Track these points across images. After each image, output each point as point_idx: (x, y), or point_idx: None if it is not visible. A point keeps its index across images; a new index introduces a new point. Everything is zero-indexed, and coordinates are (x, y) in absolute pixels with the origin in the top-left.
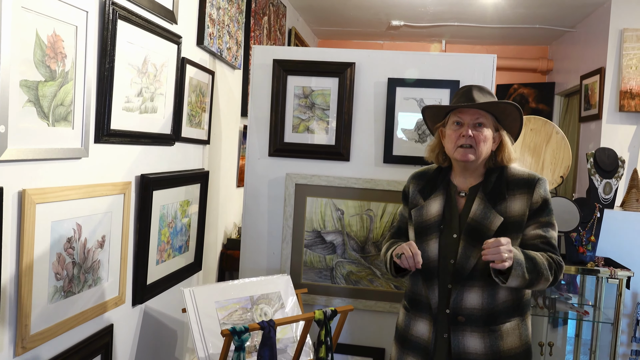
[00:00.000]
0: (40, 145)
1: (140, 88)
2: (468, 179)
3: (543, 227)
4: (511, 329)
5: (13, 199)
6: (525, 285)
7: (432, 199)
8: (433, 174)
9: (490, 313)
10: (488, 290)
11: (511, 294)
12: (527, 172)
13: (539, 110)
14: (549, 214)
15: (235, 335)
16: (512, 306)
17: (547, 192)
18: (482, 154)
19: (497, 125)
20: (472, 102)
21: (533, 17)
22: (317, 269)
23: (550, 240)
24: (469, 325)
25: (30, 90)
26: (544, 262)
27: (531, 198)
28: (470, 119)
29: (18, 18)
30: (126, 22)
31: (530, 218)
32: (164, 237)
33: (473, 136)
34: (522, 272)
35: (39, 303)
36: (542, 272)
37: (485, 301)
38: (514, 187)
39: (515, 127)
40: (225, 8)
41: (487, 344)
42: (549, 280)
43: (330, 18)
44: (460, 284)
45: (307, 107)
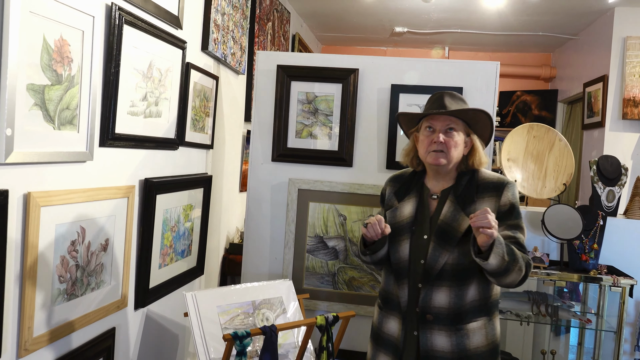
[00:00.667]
0: (46, 149)
1: (145, 92)
2: (440, 182)
3: (512, 230)
4: (477, 328)
5: (18, 201)
6: (503, 268)
7: (405, 201)
8: (408, 177)
9: (457, 312)
10: (455, 290)
11: (479, 294)
12: (497, 176)
13: (541, 117)
14: (517, 217)
15: (237, 340)
16: (480, 306)
17: (515, 196)
18: (454, 158)
19: (469, 130)
20: (444, 109)
21: (536, 25)
22: (319, 275)
23: (519, 241)
24: (436, 323)
25: (36, 94)
26: (518, 253)
27: (499, 201)
28: (441, 125)
29: (26, 22)
30: (132, 27)
31: (498, 220)
32: (166, 241)
33: (444, 141)
34: (502, 251)
35: (42, 305)
36: (517, 259)
37: (452, 301)
38: (483, 190)
39: (486, 132)
40: (229, 14)
41: (453, 342)
42: (522, 271)
43: (333, 24)
44: (429, 284)
45: (311, 113)
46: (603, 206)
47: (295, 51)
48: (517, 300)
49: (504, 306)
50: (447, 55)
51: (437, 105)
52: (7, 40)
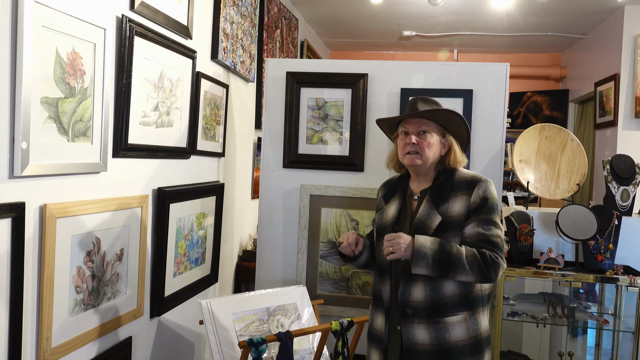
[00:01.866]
0: (61, 161)
1: (156, 102)
2: (421, 183)
3: (482, 225)
4: (457, 322)
5: (35, 213)
6: (436, 275)
7: (391, 203)
8: (395, 181)
9: (434, 306)
10: (430, 283)
11: (458, 289)
12: (472, 174)
13: (553, 117)
14: (489, 212)
15: (252, 346)
16: (460, 300)
17: (489, 192)
18: (429, 159)
19: (444, 131)
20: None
21: (545, 25)
22: (333, 280)
23: (489, 237)
24: (416, 317)
25: (50, 106)
26: (462, 257)
27: (470, 198)
28: (414, 127)
29: (39, 37)
30: (142, 38)
31: (469, 217)
32: (180, 250)
33: (417, 142)
34: (425, 263)
35: (59, 316)
36: (455, 265)
37: (428, 294)
38: (457, 188)
39: (462, 132)
40: (238, 22)
41: (432, 336)
42: (469, 274)
43: (342, 30)
44: (407, 279)
45: (321, 119)
46: (618, 206)
47: (304, 58)
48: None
49: (519, 308)
50: (456, 57)
51: (410, 110)
52: (21, 55)
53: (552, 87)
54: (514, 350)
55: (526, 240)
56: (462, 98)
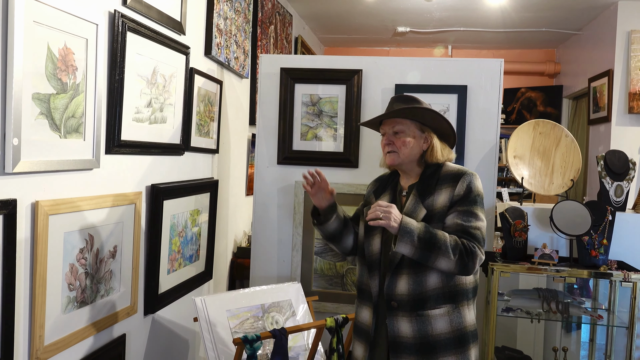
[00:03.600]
0: (53, 157)
1: (149, 99)
2: (410, 179)
3: (462, 216)
4: (439, 315)
5: (26, 210)
6: (419, 255)
7: (381, 199)
8: (386, 177)
9: (417, 299)
10: (413, 277)
11: (441, 282)
12: (457, 168)
13: (547, 113)
14: (471, 204)
15: (247, 343)
16: (442, 293)
17: (473, 184)
18: (407, 156)
19: (422, 127)
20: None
21: (539, 21)
22: (328, 276)
23: (468, 229)
24: (400, 310)
25: (42, 103)
26: (446, 240)
27: (454, 190)
28: (389, 128)
29: (30, 32)
30: (135, 34)
31: (450, 208)
32: (174, 247)
33: (392, 142)
34: (410, 239)
35: (52, 314)
36: (439, 246)
37: (411, 287)
38: (442, 182)
39: (441, 124)
40: (232, 18)
41: (415, 328)
42: (451, 259)
43: (336, 26)
44: (392, 272)
45: (315, 115)
46: (612, 201)
47: (298, 54)
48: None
49: (514, 304)
50: (450, 53)
51: (388, 109)
52: (12, 51)
53: (546, 83)
54: (508, 346)
55: (520, 236)
56: (456, 94)
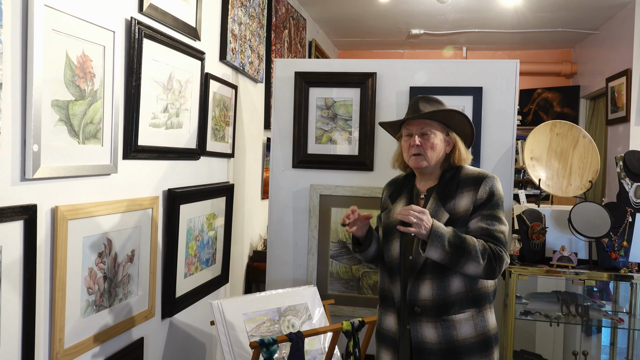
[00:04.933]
0: (72, 163)
1: (166, 104)
2: (427, 182)
3: (486, 220)
4: (464, 320)
5: (46, 215)
6: (449, 260)
7: (397, 202)
8: (401, 180)
9: (441, 304)
10: (437, 282)
11: (464, 286)
12: (478, 171)
13: (564, 114)
14: (494, 207)
15: (263, 347)
16: (466, 298)
17: (495, 188)
18: (433, 159)
19: (447, 129)
20: (418, 113)
21: (554, 21)
22: (344, 280)
23: (493, 232)
24: (424, 315)
25: (61, 109)
26: (475, 245)
27: (476, 194)
28: (416, 129)
29: (49, 40)
30: (151, 40)
31: (473, 212)
32: (191, 251)
33: (420, 144)
34: (441, 244)
35: (72, 317)
36: (469, 251)
37: (435, 292)
38: (463, 185)
39: (465, 128)
40: (246, 23)
41: (440, 334)
42: (480, 264)
43: (350, 29)
44: (415, 277)
45: (330, 118)
46: (631, 202)
47: (312, 57)
48: (546, 300)
49: (532, 307)
50: (465, 55)
51: (412, 110)
52: (32, 59)
53: (562, 84)
54: (527, 350)
55: (538, 239)
56: (471, 96)
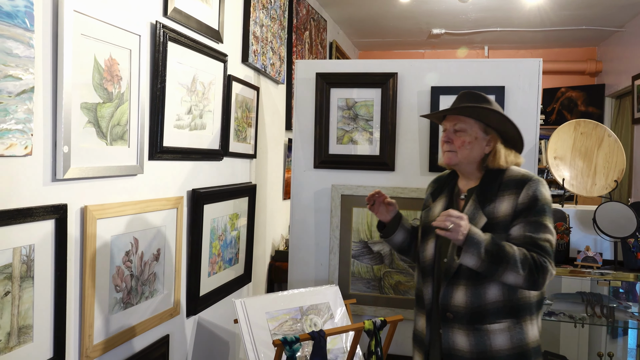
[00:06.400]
0: (100, 164)
1: (189, 106)
2: (469, 182)
3: (530, 227)
4: (500, 330)
5: (76, 214)
6: (485, 268)
7: (438, 201)
8: (445, 178)
9: (476, 312)
10: (472, 289)
11: (502, 295)
12: (522, 173)
13: (588, 113)
14: (539, 214)
15: (286, 345)
16: (504, 307)
17: (539, 192)
18: (465, 157)
19: (487, 129)
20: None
21: (578, 19)
22: (365, 279)
23: (537, 240)
24: (456, 322)
25: (89, 112)
26: (515, 254)
27: (518, 198)
28: (450, 124)
29: (78, 44)
30: (176, 43)
31: (516, 218)
32: (215, 250)
33: (451, 141)
34: (477, 251)
35: (100, 314)
36: (507, 260)
37: (469, 299)
38: (505, 188)
39: (507, 128)
40: (268, 25)
41: (472, 342)
42: (519, 274)
43: (370, 30)
44: (449, 282)
45: (351, 119)
46: None
47: (333, 58)
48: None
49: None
50: (487, 54)
51: (453, 106)
52: (62, 63)
53: (587, 82)
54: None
55: (562, 239)
56: (494, 95)
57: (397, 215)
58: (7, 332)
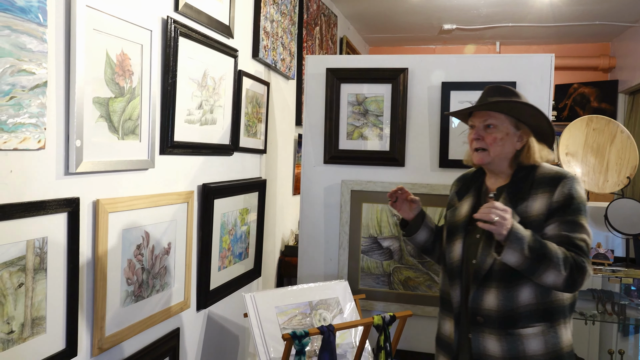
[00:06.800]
0: (112, 158)
1: (200, 101)
2: (498, 180)
3: (566, 227)
4: (533, 335)
5: (88, 208)
6: (527, 266)
7: (464, 200)
8: (470, 176)
9: (508, 315)
10: (504, 292)
11: (535, 298)
12: (555, 170)
13: (601, 109)
14: (575, 213)
15: (295, 339)
16: (537, 311)
17: (575, 190)
18: (498, 154)
19: (518, 123)
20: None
21: (591, 14)
22: (375, 275)
23: (574, 240)
24: (487, 326)
25: (101, 106)
26: (557, 252)
27: (552, 197)
28: (479, 121)
29: (90, 40)
30: (187, 38)
31: (550, 217)
32: (225, 244)
33: (482, 138)
34: (520, 247)
35: (112, 306)
36: (550, 258)
37: (501, 303)
38: (538, 186)
39: (541, 122)
40: (278, 20)
41: (504, 348)
42: (561, 273)
43: (381, 25)
44: (479, 284)
45: (361, 114)
46: None
47: (344, 54)
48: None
49: None
50: (498, 50)
51: (479, 101)
52: (74, 58)
53: (600, 78)
54: None
55: None
56: None
57: (420, 213)
58: (20, 323)
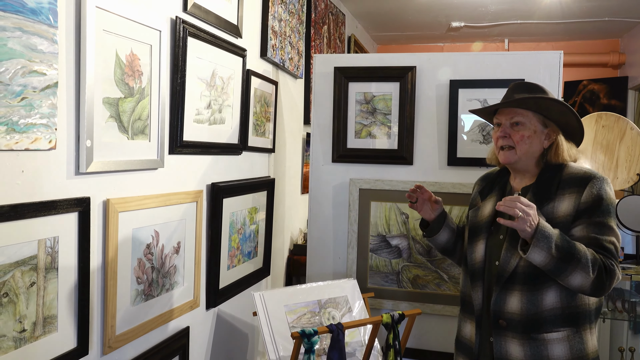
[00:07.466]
0: (121, 158)
1: (209, 101)
2: (523, 179)
3: (594, 228)
4: (558, 340)
5: (99, 208)
6: (553, 266)
7: (487, 200)
8: (494, 176)
9: (531, 319)
10: (528, 295)
11: (560, 301)
12: (584, 170)
13: (611, 106)
14: (604, 214)
15: (304, 337)
16: (562, 315)
17: (604, 191)
18: (525, 153)
19: (546, 121)
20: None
21: (601, 10)
22: (383, 273)
23: (602, 242)
24: (510, 330)
25: (111, 106)
26: (586, 253)
27: (580, 197)
28: (505, 118)
29: (100, 40)
30: (195, 38)
31: (578, 218)
32: (234, 243)
33: (509, 136)
34: (547, 246)
35: (122, 305)
36: (579, 258)
37: (524, 306)
38: (565, 186)
39: (569, 120)
40: (286, 20)
41: (527, 353)
42: (589, 275)
43: (389, 23)
44: (501, 287)
45: (369, 113)
46: None
47: (351, 52)
48: None
49: None
50: (507, 47)
51: (505, 98)
52: (84, 58)
53: (609, 75)
54: None
55: None
56: None
57: (442, 214)
58: (32, 321)
